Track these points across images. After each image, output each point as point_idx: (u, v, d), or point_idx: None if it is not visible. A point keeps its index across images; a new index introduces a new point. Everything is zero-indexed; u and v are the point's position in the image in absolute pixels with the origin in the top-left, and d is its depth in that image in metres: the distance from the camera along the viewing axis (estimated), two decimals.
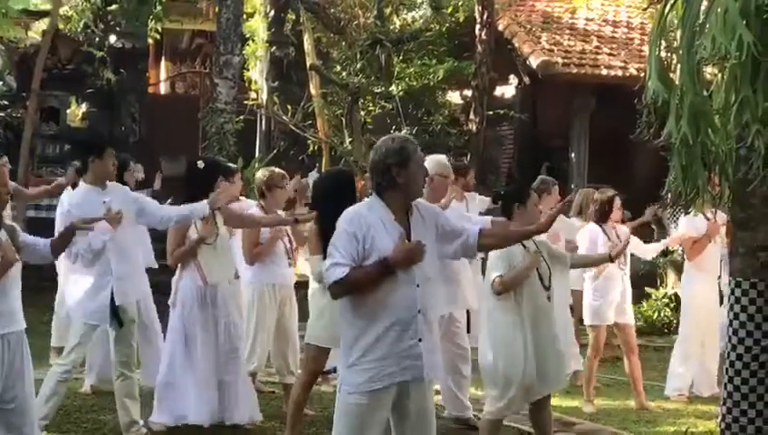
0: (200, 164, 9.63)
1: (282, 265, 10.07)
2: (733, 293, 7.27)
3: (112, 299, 8.71)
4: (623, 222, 11.34)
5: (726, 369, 7.24)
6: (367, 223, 5.96)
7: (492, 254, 8.18)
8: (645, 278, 16.26)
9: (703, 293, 11.76)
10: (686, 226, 11.67)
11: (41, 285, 12.03)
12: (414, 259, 5.89)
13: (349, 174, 9.19)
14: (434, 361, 6.08)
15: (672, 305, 15.70)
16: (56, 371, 8.86)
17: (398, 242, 5.92)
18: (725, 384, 7.26)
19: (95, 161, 8.86)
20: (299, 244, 10.25)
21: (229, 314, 9.43)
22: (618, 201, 11.10)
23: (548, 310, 8.11)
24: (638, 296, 15.76)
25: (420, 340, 5.94)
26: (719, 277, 11.57)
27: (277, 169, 10.50)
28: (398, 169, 6.00)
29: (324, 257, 6.41)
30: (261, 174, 10.39)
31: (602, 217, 11.11)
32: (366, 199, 6.25)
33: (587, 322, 11.23)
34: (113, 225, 8.55)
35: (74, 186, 9.89)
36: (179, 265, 9.45)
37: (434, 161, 9.75)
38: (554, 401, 11.09)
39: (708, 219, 10.95)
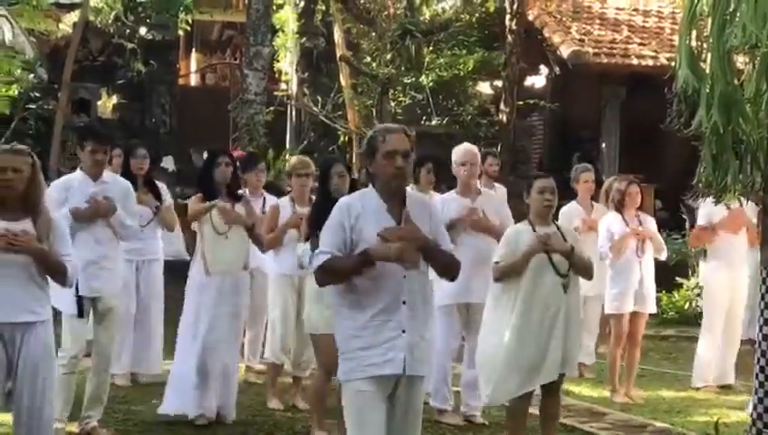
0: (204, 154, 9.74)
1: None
2: (764, 282, 7.22)
3: (77, 288, 8.37)
4: (640, 208, 11.26)
5: (758, 359, 7.20)
6: (356, 213, 5.93)
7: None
8: (676, 268, 16.20)
9: (723, 282, 11.70)
10: (700, 215, 11.66)
11: None
12: (391, 256, 5.80)
13: (331, 162, 9.21)
14: (418, 355, 5.95)
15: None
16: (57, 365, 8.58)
17: (381, 229, 5.87)
18: (757, 374, 7.22)
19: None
20: None
21: (233, 305, 9.40)
22: (632, 189, 11.03)
23: (559, 299, 8.05)
24: (670, 286, 15.72)
25: (404, 331, 5.87)
26: None
27: (299, 157, 10.52)
28: (369, 160, 6.03)
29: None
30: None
31: (620, 205, 11.09)
32: (364, 189, 6.23)
33: (606, 311, 11.21)
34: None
35: None
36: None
37: (453, 151, 9.88)
38: (585, 392, 11.13)
39: (729, 208, 10.76)
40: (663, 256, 11.35)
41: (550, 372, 8.09)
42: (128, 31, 21.22)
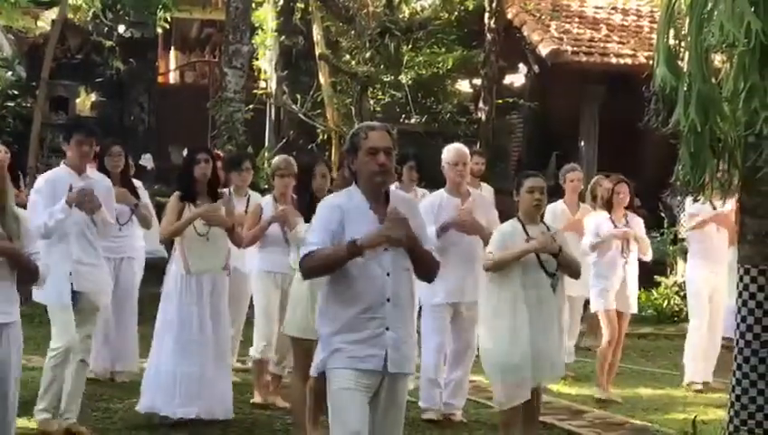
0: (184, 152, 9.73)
1: (278, 253, 9.76)
2: (741, 280, 7.26)
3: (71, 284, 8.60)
4: (629, 208, 11.24)
5: (735, 356, 7.24)
6: (342, 211, 5.96)
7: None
8: (654, 266, 16.23)
9: (706, 279, 11.72)
10: (689, 214, 11.69)
11: None
12: (380, 238, 5.80)
13: (314, 161, 9.47)
14: (403, 353, 5.96)
15: (682, 294, 15.66)
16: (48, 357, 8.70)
17: (371, 229, 5.87)
18: (734, 371, 7.26)
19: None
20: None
21: (213, 305, 9.33)
22: (621, 188, 11.02)
23: (550, 298, 8.03)
24: (648, 285, 15.76)
25: (388, 328, 5.88)
26: None
27: (283, 157, 10.48)
28: (351, 158, 6.04)
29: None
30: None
31: (608, 204, 11.09)
32: (348, 188, 6.21)
33: (592, 308, 11.20)
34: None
35: None
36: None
37: (444, 150, 9.84)
38: (564, 390, 11.15)
39: (714, 208, 10.87)
40: (648, 258, 11.35)
41: (545, 372, 8.11)
42: (106, 29, 21.19)
